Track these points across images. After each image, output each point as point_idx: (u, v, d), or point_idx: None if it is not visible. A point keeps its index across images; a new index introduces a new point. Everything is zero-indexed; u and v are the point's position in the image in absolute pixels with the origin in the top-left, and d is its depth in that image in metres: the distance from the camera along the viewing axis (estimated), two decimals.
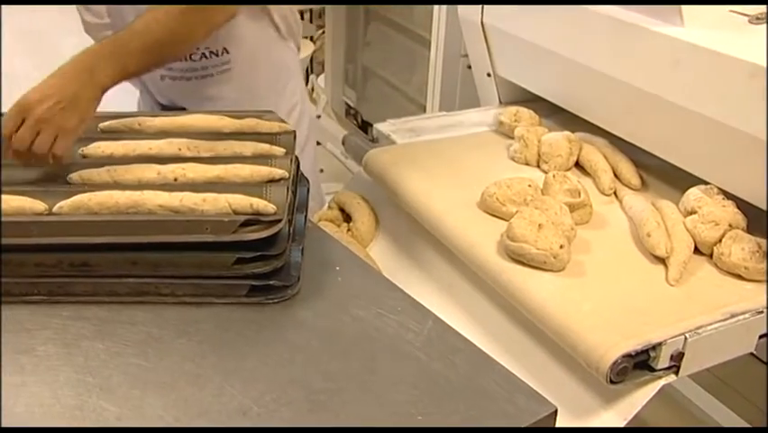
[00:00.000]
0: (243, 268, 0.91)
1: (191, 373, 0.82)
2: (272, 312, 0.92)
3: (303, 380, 0.82)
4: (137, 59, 1.05)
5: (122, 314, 0.90)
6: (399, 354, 0.86)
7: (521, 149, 1.33)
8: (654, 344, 0.88)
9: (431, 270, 1.20)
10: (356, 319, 0.91)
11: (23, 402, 0.78)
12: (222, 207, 0.91)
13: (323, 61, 3.01)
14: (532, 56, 1.44)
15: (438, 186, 1.23)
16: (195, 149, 1.06)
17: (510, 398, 0.81)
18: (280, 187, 0.97)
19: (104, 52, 1.03)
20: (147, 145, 1.06)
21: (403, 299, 0.95)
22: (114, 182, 0.98)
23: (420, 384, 0.82)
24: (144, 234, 0.90)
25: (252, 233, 0.90)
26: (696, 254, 1.06)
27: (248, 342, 0.87)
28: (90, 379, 0.80)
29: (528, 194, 1.15)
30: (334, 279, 0.98)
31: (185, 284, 0.92)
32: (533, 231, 1.02)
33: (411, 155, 1.33)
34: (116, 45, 1.04)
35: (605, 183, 1.24)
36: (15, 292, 0.91)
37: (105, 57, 1.02)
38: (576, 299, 0.97)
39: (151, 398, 0.79)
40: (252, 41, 1.27)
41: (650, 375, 0.90)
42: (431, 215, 1.18)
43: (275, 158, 1.05)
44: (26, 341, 0.85)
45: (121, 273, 0.92)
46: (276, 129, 1.13)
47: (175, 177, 0.98)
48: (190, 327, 0.89)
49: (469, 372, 0.84)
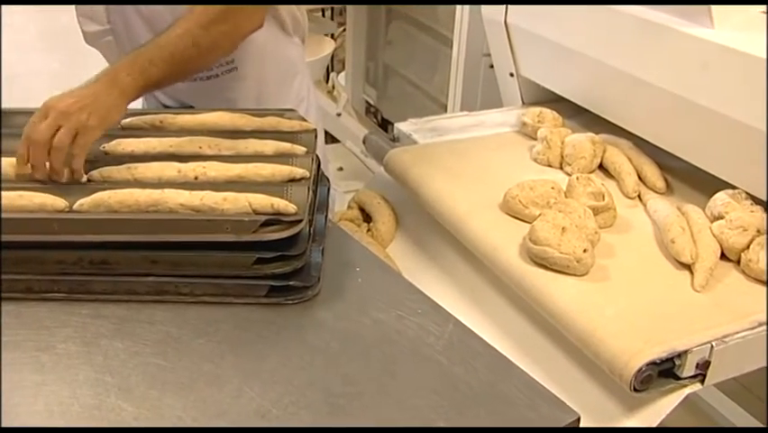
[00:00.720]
0: (263, 268, 0.90)
1: (210, 373, 0.81)
2: (292, 313, 0.91)
3: (322, 382, 0.81)
4: (160, 70, 1.05)
5: (141, 313, 0.90)
6: (420, 358, 0.85)
7: (544, 150, 1.32)
8: (680, 351, 0.87)
9: (451, 271, 1.19)
10: (376, 322, 0.90)
11: (43, 401, 0.77)
12: (242, 207, 0.91)
13: (343, 59, 3.00)
14: (556, 56, 1.42)
15: (460, 187, 1.22)
16: (216, 147, 1.05)
17: (532, 404, 0.80)
18: (301, 186, 0.97)
19: (127, 63, 1.04)
20: (168, 143, 1.06)
21: (423, 302, 0.94)
22: (135, 180, 0.98)
23: (441, 389, 0.80)
24: (164, 233, 0.90)
25: (273, 233, 0.89)
26: (723, 260, 1.04)
27: (267, 343, 0.86)
28: (109, 378, 0.80)
29: (551, 196, 1.13)
30: (354, 280, 0.98)
31: (204, 284, 0.92)
32: (556, 234, 1.01)
33: (432, 155, 1.32)
34: (140, 56, 1.05)
35: (629, 186, 1.23)
36: (36, 289, 0.91)
37: (129, 67, 1.03)
38: (600, 304, 0.95)
39: (170, 398, 0.78)
40: (257, 40, 1.26)
41: (675, 383, 0.88)
42: (452, 216, 1.17)
43: (296, 157, 1.04)
44: (46, 339, 0.85)
45: (140, 272, 0.91)
46: (297, 127, 1.13)
47: (195, 175, 0.98)
48: (209, 327, 0.88)
49: (490, 377, 0.83)
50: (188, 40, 1.07)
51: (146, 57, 1.04)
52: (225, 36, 1.12)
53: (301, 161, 1.03)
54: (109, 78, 1.01)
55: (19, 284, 0.91)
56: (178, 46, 1.06)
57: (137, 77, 1.02)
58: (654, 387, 0.87)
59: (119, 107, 1.02)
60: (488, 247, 1.09)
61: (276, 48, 1.36)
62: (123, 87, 1.01)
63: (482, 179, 1.25)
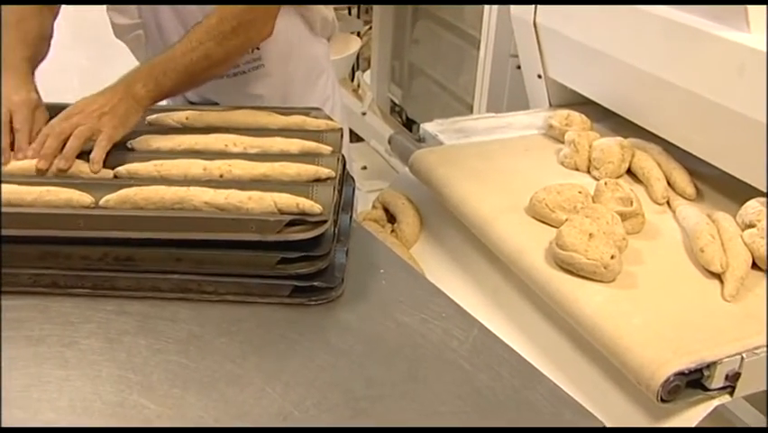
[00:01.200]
0: (287, 268, 0.90)
1: (232, 373, 0.81)
2: (315, 314, 0.91)
3: (345, 385, 0.80)
4: (174, 81, 1.08)
5: (164, 310, 0.90)
6: (444, 363, 0.84)
7: (571, 154, 1.30)
8: (709, 362, 0.85)
9: (476, 274, 1.18)
10: (400, 325, 0.89)
11: (67, 396, 0.78)
12: (267, 206, 0.90)
13: (369, 57, 3.00)
14: (585, 58, 1.40)
15: (485, 189, 1.20)
16: (241, 145, 1.05)
17: (556, 413, 0.79)
18: (327, 186, 0.96)
19: (142, 74, 1.08)
20: (194, 140, 1.05)
21: (448, 305, 0.93)
22: (161, 177, 0.98)
23: (464, 395, 0.80)
24: (189, 231, 0.89)
25: (298, 233, 0.88)
26: (754, 270, 1.02)
27: (290, 344, 0.86)
28: (132, 375, 0.80)
29: (579, 201, 1.11)
30: (378, 281, 0.97)
31: (228, 282, 0.92)
32: (583, 240, 0.99)
33: (458, 157, 1.31)
34: (155, 68, 1.08)
35: (658, 192, 1.21)
36: (61, 284, 0.92)
37: (144, 78, 1.07)
38: (627, 311, 0.94)
39: (192, 397, 0.78)
40: (283, 38, 1.27)
41: (703, 395, 0.87)
42: (478, 218, 1.16)
43: (321, 156, 1.04)
44: (70, 334, 0.86)
45: (164, 269, 0.91)
46: (323, 127, 1.12)
47: (221, 173, 0.97)
48: (232, 327, 0.88)
49: (514, 384, 0.82)
50: (201, 52, 1.10)
51: (160, 68, 1.08)
52: (237, 49, 1.16)
53: (327, 160, 1.02)
54: (126, 88, 1.05)
55: (45, 279, 0.92)
56: (192, 58, 1.09)
57: (152, 87, 1.06)
58: (682, 398, 0.85)
59: (136, 113, 1.05)
60: (513, 251, 1.08)
61: (302, 46, 1.36)
62: (139, 98, 1.05)
63: (508, 181, 1.23)
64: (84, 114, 1.01)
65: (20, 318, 0.88)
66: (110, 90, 1.04)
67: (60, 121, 1.01)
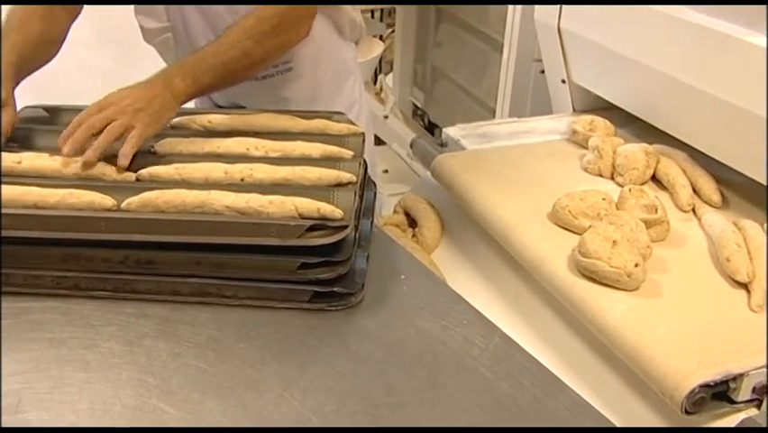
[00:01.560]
0: (308, 273, 0.89)
1: (251, 378, 0.81)
2: (335, 319, 0.90)
3: (364, 392, 0.80)
4: (211, 78, 1.08)
5: (184, 314, 0.90)
6: (464, 371, 0.83)
7: (595, 160, 1.29)
8: (735, 374, 0.84)
9: (497, 281, 1.17)
10: (421, 331, 0.88)
11: (87, 399, 0.78)
12: (288, 211, 0.90)
13: (391, 61, 2.99)
14: (610, 63, 1.39)
15: (508, 194, 1.19)
16: (263, 148, 1.05)
17: (577, 423, 0.78)
18: (348, 191, 0.95)
19: (181, 69, 1.07)
20: (215, 144, 1.05)
21: (468, 312, 0.93)
22: (182, 180, 0.98)
23: (485, 404, 0.79)
24: (209, 235, 0.89)
25: (318, 238, 0.88)
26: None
27: (309, 350, 0.85)
28: (151, 379, 0.80)
29: (602, 208, 1.10)
30: (399, 287, 0.96)
31: (248, 287, 0.91)
32: (606, 247, 0.98)
33: (481, 162, 1.30)
34: (193, 64, 1.08)
35: (683, 199, 1.19)
36: (83, 287, 0.92)
37: (181, 71, 1.06)
38: (651, 321, 0.92)
39: (211, 402, 0.78)
40: (314, 42, 1.26)
41: (729, 408, 0.85)
42: (500, 224, 1.15)
43: (343, 160, 1.03)
44: (91, 337, 0.86)
45: (184, 273, 0.91)
46: (345, 131, 1.12)
47: (242, 177, 0.97)
48: (252, 332, 0.87)
49: (535, 393, 0.81)
50: (240, 51, 1.09)
51: (199, 64, 1.08)
52: (276, 48, 1.16)
53: (348, 164, 1.02)
54: (164, 82, 1.04)
55: (66, 281, 0.92)
56: (231, 56, 1.09)
57: (190, 83, 1.06)
58: (707, 410, 0.84)
59: (171, 111, 1.05)
60: (535, 257, 1.07)
61: (331, 50, 1.36)
62: (176, 93, 1.04)
63: (531, 187, 1.22)
64: (118, 107, 0.99)
65: (42, 321, 0.88)
66: (147, 84, 1.03)
67: (92, 113, 0.99)
